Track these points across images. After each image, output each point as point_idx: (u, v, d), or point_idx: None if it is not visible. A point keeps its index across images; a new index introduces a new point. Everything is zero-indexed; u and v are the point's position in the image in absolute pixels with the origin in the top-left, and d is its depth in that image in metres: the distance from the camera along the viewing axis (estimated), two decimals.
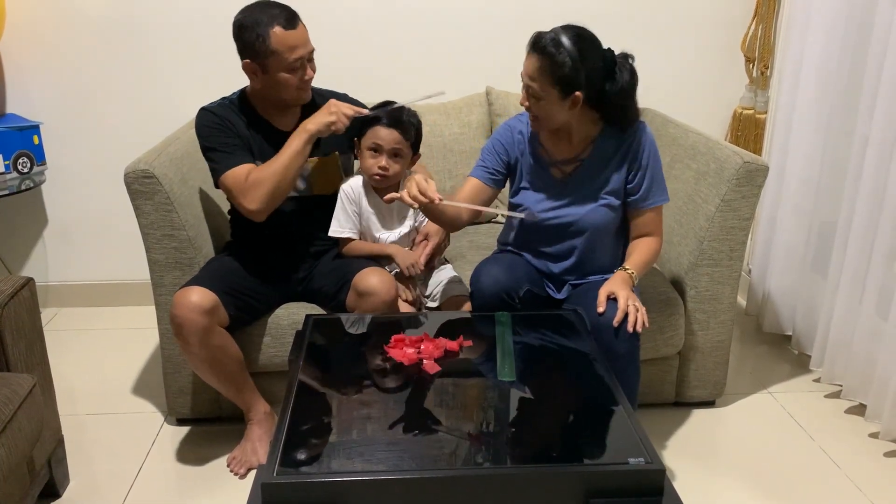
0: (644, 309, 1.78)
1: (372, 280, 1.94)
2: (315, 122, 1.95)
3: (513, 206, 2.01)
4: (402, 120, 2.02)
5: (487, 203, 2.01)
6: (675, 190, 2.34)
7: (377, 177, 2.04)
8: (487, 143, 2.04)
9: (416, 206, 1.73)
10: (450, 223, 1.99)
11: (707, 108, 2.99)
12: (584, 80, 1.77)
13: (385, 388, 1.58)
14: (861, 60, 2.29)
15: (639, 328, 1.75)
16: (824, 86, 2.46)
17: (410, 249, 2.14)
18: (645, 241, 1.96)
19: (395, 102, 2.03)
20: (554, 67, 1.75)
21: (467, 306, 2.05)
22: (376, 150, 2.02)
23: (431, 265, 2.20)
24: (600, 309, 1.77)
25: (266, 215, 2.00)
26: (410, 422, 1.43)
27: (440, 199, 1.71)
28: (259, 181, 1.94)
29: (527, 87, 1.82)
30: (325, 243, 2.15)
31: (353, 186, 2.10)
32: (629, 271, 1.87)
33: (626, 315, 1.75)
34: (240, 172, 1.95)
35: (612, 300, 1.79)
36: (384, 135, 2.00)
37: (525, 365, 1.63)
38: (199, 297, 1.87)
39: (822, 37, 2.44)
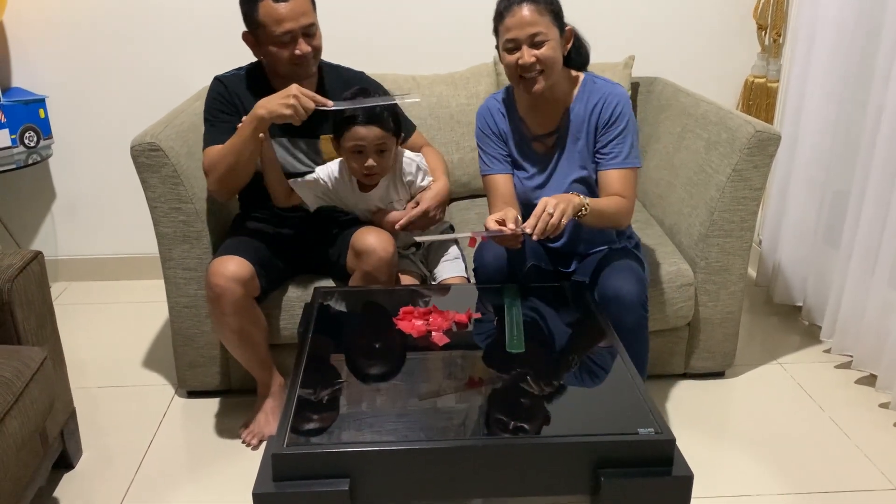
0: (561, 219, 1.65)
1: (369, 239, 1.92)
2: (268, 110, 1.79)
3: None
4: (378, 112, 1.88)
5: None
6: (686, 160, 2.32)
7: (366, 177, 1.97)
8: (478, 133, 2.01)
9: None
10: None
11: (718, 77, 2.94)
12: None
13: (394, 359, 1.59)
14: (876, 28, 2.24)
15: (536, 235, 1.64)
16: (838, 54, 2.42)
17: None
18: (612, 197, 1.85)
19: (366, 92, 1.93)
20: (548, 5, 1.81)
21: None
22: (360, 151, 1.92)
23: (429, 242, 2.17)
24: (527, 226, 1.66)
25: (226, 197, 2.02)
26: (419, 393, 1.43)
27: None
28: (216, 163, 1.91)
29: (529, 38, 1.78)
30: (336, 216, 2.13)
31: (331, 176, 2.02)
32: (581, 196, 1.74)
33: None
34: (213, 150, 1.94)
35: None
36: (364, 133, 1.88)
37: (534, 337, 1.63)
38: (237, 266, 1.87)
39: (835, 4, 2.39)
